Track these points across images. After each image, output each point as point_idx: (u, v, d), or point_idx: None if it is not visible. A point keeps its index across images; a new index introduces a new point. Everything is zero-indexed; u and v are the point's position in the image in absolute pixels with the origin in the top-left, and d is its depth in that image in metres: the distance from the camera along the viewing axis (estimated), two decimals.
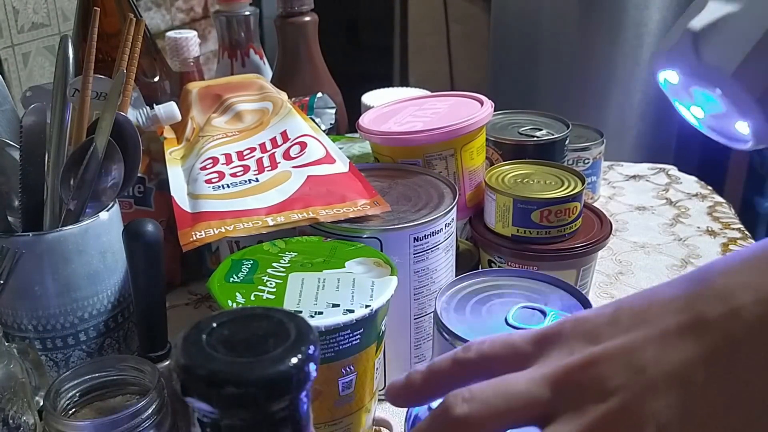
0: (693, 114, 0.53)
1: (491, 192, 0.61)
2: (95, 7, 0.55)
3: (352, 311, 0.43)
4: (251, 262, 0.49)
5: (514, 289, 0.48)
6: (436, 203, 0.55)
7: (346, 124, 0.88)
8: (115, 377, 0.45)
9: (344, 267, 0.48)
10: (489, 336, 0.32)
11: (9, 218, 0.51)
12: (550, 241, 0.60)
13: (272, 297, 0.45)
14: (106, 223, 0.51)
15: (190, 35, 0.78)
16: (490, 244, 0.62)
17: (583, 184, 0.61)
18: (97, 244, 0.50)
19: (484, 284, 0.48)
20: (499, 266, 0.62)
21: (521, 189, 0.61)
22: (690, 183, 0.96)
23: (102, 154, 0.50)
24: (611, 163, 1.01)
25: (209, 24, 1.53)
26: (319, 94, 0.81)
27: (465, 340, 0.41)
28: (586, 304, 0.46)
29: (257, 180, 0.57)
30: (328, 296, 0.45)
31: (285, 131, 0.63)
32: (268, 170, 0.58)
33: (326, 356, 0.43)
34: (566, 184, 0.61)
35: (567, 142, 0.76)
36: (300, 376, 0.23)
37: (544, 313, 0.45)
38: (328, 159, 0.59)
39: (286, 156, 0.59)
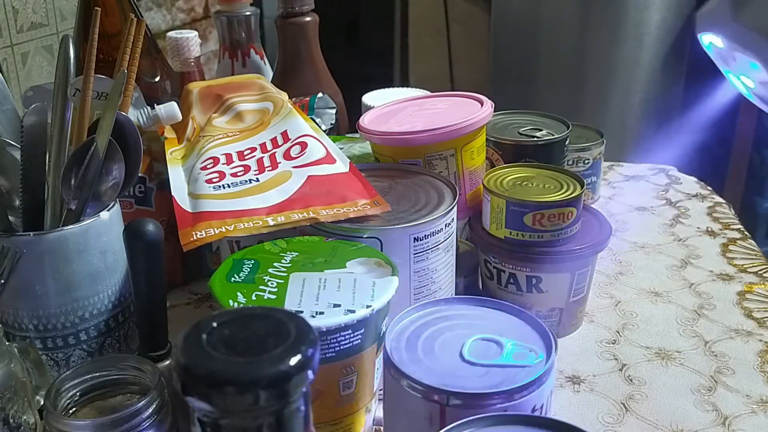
0: (743, 83, 0.52)
1: (487, 193, 0.61)
2: (96, 7, 0.55)
3: (353, 311, 0.43)
4: (253, 261, 0.49)
5: (464, 320, 0.46)
6: (436, 203, 0.55)
7: (347, 125, 0.88)
8: (115, 377, 0.45)
9: (345, 267, 0.48)
10: None
11: (10, 218, 0.51)
12: (543, 244, 0.59)
13: (273, 297, 0.45)
14: (107, 222, 0.51)
15: (191, 35, 0.78)
16: (485, 245, 0.62)
17: (581, 189, 0.60)
18: (98, 243, 0.50)
19: (432, 316, 0.46)
20: (494, 266, 0.62)
21: (517, 192, 0.61)
22: (690, 183, 0.96)
23: (103, 153, 0.50)
24: (611, 163, 1.01)
25: (210, 24, 1.53)
26: (320, 95, 0.81)
27: (420, 384, 0.40)
28: (539, 329, 0.44)
29: (258, 180, 0.57)
30: (329, 296, 0.45)
31: (285, 131, 0.63)
32: (268, 170, 0.58)
33: (327, 356, 0.43)
34: (564, 188, 0.61)
35: (567, 142, 0.76)
36: (300, 376, 0.24)
37: (500, 344, 0.43)
38: (328, 159, 0.59)
39: (287, 156, 0.59)
